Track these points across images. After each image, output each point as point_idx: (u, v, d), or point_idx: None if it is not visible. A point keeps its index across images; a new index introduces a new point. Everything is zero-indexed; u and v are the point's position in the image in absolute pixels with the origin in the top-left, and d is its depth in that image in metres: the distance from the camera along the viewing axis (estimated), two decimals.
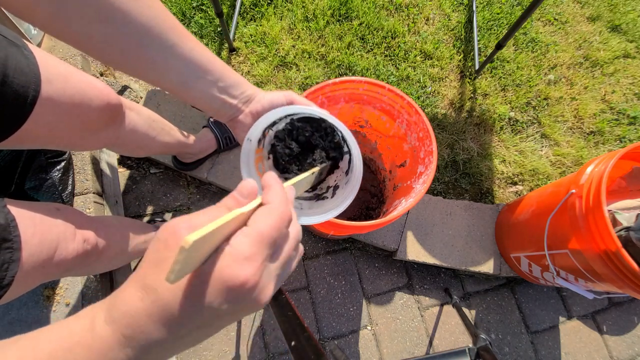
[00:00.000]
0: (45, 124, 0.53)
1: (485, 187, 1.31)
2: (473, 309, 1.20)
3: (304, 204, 0.52)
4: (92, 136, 0.64)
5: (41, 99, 0.50)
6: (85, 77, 0.60)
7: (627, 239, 0.80)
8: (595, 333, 1.21)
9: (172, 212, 1.18)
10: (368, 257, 1.22)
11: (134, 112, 0.76)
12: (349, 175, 0.51)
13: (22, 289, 0.51)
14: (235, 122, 0.46)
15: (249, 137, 0.44)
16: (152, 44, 0.37)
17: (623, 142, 1.42)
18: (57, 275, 0.59)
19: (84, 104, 0.58)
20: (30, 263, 0.50)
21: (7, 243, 0.47)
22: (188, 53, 0.40)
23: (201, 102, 0.43)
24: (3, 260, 0.46)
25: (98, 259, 0.68)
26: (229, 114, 0.45)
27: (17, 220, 0.49)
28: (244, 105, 0.45)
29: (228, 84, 0.43)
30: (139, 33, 0.36)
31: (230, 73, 0.44)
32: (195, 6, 1.39)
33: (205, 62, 0.41)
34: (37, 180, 0.87)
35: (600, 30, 1.59)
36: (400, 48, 1.42)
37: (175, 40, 0.39)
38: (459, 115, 1.38)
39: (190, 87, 0.41)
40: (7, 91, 0.46)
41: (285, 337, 0.52)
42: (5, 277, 0.46)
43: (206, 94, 0.42)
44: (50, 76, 0.52)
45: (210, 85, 0.42)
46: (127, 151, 0.87)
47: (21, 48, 0.50)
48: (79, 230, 0.61)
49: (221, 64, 0.43)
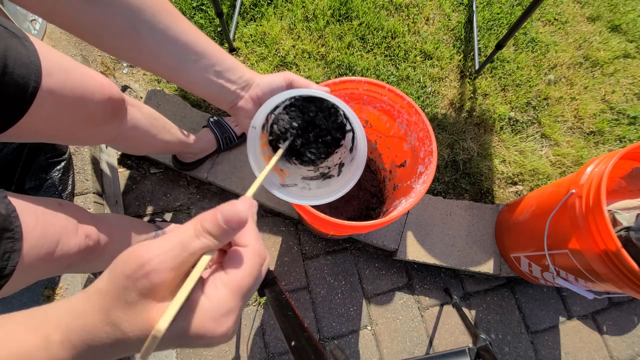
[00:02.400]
0: (46, 116, 0.53)
1: (485, 187, 1.31)
2: (473, 309, 1.20)
3: (312, 184, 0.52)
4: (93, 130, 0.64)
5: (42, 91, 0.50)
6: (88, 70, 0.59)
7: (627, 239, 0.80)
8: (595, 333, 1.21)
9: (172, 212, 1.18)
10: (368, 257, 1.22)
11: (136, 109, 0.76)
12: (354, 152, 0.50)
13: (22, 282, 0.50)
14: (236, 109, 0.46)
15: (253, 124, 0.44)
16: (144, 26, 0.37)
17: (623, 142, 1.42)
18: (58, 271, 0.59)
19: (85, 97, 0.57)
20: (32, 255, 0.50)
21: (8, 233, 0.46)
22: (182, 36, 0.39)
23: (198, 88, 0.43)
24: (4, 249, 0.46)
25: (99, 256, 0.68)
26: (229, 100, 0.45)
27: (18, 212, 0.49)
28: (242, 91, 0.44)
29: (225, 68, 0.42)
30: (130, 15, 0.36)
31: (226, 57, 0.43)
32: (195, 6, 1.39)
33: (201, 45, 0.41)
34: (37, 180, 0.87)
35: (600, 30, 1.59)
36: (400, 48, 1.42)
37: (168, 23, 0.38)
38: (459, 115, 1.38)
39: (186, 71, 0.41)
40: (7, 82, 0.46)
41: (285, 337, 0.52)
42: (7, 267, 0.46)
43: (203, 78, 0.42)
44: (51, 68, 0.51)
45: (206, 69, 0.41)
46: (127, 148, 0.87)
47: (22, 39, 0.49)
48: (81, 226, 0.61)
49: (216, 48, 0.42)
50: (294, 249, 1.19)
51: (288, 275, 1.16)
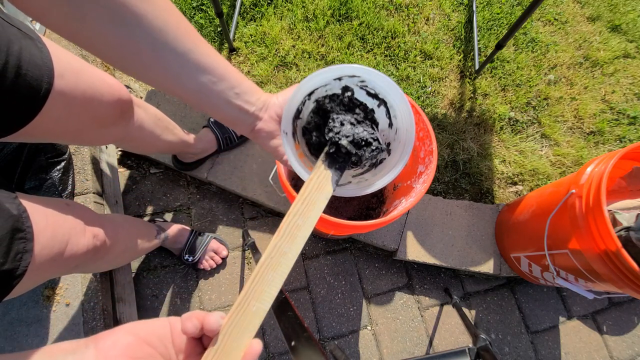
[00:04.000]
0: (56, 117, 0.53)
1: (485, 187, 1.31)
2: (473, 309, 1.20)
3: (366, 176, 0.50)
4: (101, 131, 0.64)
5: (54, 92, 0.50)
6: (97, 72, 0.60)
7: (627, 239, 0.80)
8: (595, 333, 1.21)
9: (172, 212, 1.18)
10: (368, 257, 1.22)
11: (142, 110, 0.76)
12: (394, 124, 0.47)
13: (32, 283, 0.50)
14: (256, 132, 0.45)
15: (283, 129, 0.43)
16: (166, 48, 0.37)
17: (623, 142, 1.42)
18: (66, 271, 0.59)
19: (95, 98, 0.58)
20: (43, 256, 0.50)
21: (20, 233, 0.46)
22: (203, 59, 0.39)
23: (218, 111, 0.43)
24: (17, 250, 0.46)
25: (105, 256, 0.68)
26: (248, 123, 0.45)
27: (29, 212, 0.49)
28: (261, 112, 0.44)
29: (243, 90, 0.42)
30: (153, 37, 0.36)
31: (244, 79, 0.43)
32: (195, 6, 1.39)
33: (221, 68, 0.41)
34: (37, 180, 0.87)
35: (600, 30, 1.59)
36: (400, 48, 1.42)
37: (190, 46, 0.38)
38: (459, 115, 1.38)
39: (206, 94, 0.41)
40: (21, 83, 0.46)
41: (285, 337, 0.52)
42: (19, 267, 0.46)
43: (222, 101, 0.42)
44: (63, 70, 0.52)
45: (225, 92, 0.41)
46: (132, 148, 0.87)
47: (35, 41, 0.49)
48: (89, 226, 0.61)
49: (235, 71, 0.42)
50: None
51: (288, 275, 1.15)
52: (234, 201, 1.22)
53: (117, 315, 0.98)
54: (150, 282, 1.09)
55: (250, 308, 0.32)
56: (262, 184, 1.15)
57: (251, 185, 1.15)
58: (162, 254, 1.12)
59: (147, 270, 1.10)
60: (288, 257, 0.35)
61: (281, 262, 0.35)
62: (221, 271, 1.13)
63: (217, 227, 1.18)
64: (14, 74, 0.45)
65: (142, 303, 1.07)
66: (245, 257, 1.16)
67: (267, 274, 0.34)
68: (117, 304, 0.99)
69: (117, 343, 0.27)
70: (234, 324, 0.30)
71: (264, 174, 1.17)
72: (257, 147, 1.20)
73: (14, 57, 0.45)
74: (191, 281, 1.11)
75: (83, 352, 0.27)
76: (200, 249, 1.07)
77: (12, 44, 0.45)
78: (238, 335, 0.30)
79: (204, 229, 1.16)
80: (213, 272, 1.13)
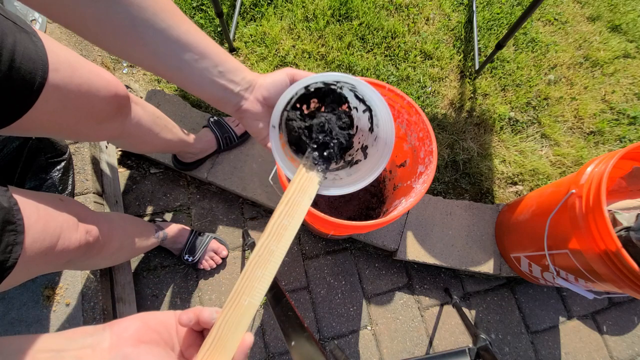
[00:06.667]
0: (51, 111, 0.53)
1: (485, 187, 1.31)
2: (473, 309, 1.20)
3: (340, 173, 0.51)
4: (97, 126, 0.64)
5: (48, 86, 0.50)
6: (94, 67, 0.60)
7: (627, 239, 0.80)
8: (595, 333, 1.21)
9: (172, 212, 1.18)
10: (368, 257, 1.22)
11: (140, 107, 0.77)
12: (375, 131, 0.49)
13: (23, 276, 0.51)
14: (242, 112, 0.45)
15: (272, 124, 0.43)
16: (145, 25, 0.36)
17: (623, 142, 1.42)
18: (58, 266, 0.59)
19: (91, 93, 0.58)
20: (34, 249, 0.50)
21: (10, 225, 0.47)
22: (183, 35, 0.39)
23: (200, 89, 0.42)
24: (7, 242, 0.46)
25: (99, 253, 0.68)
26: (233, 103, 0.44)
27: (20, 206, 0.49)
28: (246, 92, 0.44)
29: (227, 69, 0.42)
30: (131, 13, 0.35)
31: (228, 58, 0.42)
32: (195, 6, 1.39)
33: (203, 45, 0.40)
34: (37, 180, 0.87)
35: (600, 30, 1.59)
36: (400, 48, 1.42)
37: (169, 22, 0.38)
38: (459, 115, 1.38)
39: (187, 71, 0.40)
40: (14, 76, 0.46)
41: (285, 337, 0.52)
42: (9, 259, 0.46)
43: (205, 79, 0.41)
44: (58, 64, 0.52)
45: (208, 69, 0.41)
46: (130, 146, 0.87)
47: (30, 35, 0.50)
48: (82, 222, 0.61)
49: (219, 49, 0.42)
50: (294, 248, 1.19)
51: (288, 275, 1.16)
52: (234, 201, 1.22)
53: (117, 315, 0.98)
54: (150, 282, 1.09)
55: (242, 302, 0.34)
56: (262, 184, 1.15)
57: (251, 185, 1.15)
58: (162, 254, 1.12)
59: (147, 270, 1.10)
60: (276, 255, 0.38)
61: (270, 260, 0.37)
62: (221, 271, 1.14)
63: (217, 227, 1.18)
64: (7, 66, 0.45)
65: (142, 303, 1.07)
66: (245, 257, 1.16)
67: (256, 271, 0.36)
68: (117, 304, 0.99)
69: (129, 327, 0.31)
70: (228, 318, 0.33)
71: (264, 174, 1.17)
72: (257, 147, 1.20)
73: (7, 50, 0.45)
74: (191, 281, 1.11)
75: (100, 334, 0.31)
76: (200, 249, 1.07)
77: (6, 36, 0.45)
78: (232, 328, 0.33)
79: (204, 229, 1.16)
80: (213, 272, 1.13)
